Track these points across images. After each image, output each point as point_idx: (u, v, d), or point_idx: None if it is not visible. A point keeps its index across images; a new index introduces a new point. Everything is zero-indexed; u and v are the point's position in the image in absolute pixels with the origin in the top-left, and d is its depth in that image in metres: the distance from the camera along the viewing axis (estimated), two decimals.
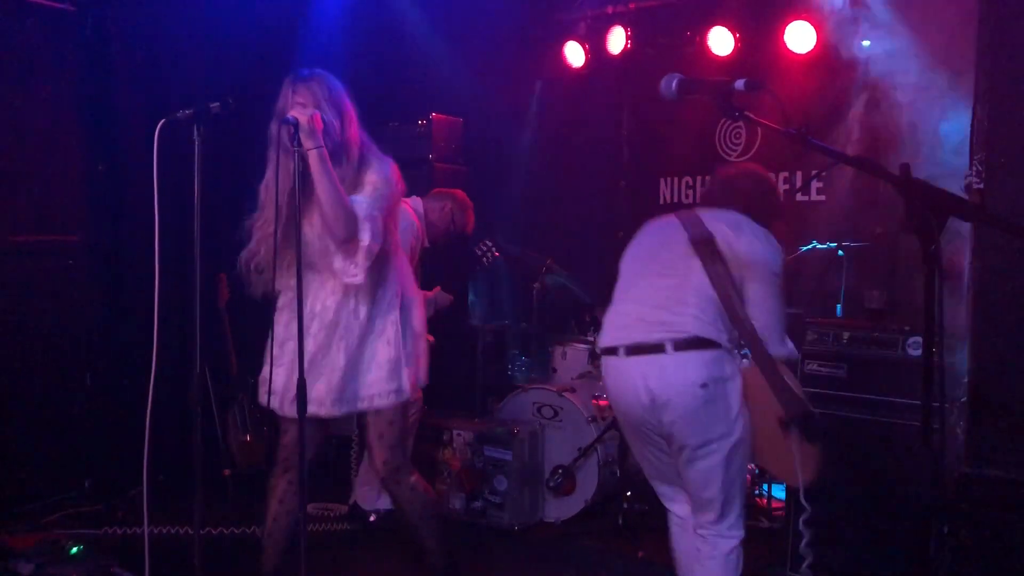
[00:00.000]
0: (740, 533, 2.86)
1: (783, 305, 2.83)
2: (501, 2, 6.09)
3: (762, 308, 2.73)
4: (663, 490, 3.01)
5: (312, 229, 3.10)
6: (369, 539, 4.52)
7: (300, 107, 2.99)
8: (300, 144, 2.85)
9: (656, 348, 2.66)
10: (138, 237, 4.63)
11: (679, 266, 2.77)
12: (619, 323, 2.82)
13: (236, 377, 5.10)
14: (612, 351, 2.77)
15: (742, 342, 2.73)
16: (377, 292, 3.22)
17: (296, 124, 2.85)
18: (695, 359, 2.66)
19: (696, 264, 2.73)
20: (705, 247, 2.73)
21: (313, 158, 2.91)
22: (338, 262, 3.08)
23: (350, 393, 3.21)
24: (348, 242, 3.03)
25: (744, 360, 2.76)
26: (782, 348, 2.80)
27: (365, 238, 3.04)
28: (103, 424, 5.01)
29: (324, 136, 2.96)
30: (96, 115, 5.05)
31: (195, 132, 2.93)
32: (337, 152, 3.05)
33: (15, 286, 4.74)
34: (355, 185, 3.11)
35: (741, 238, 2.77)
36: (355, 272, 3.07)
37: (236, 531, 4.45)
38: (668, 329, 2.69)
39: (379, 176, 3.14)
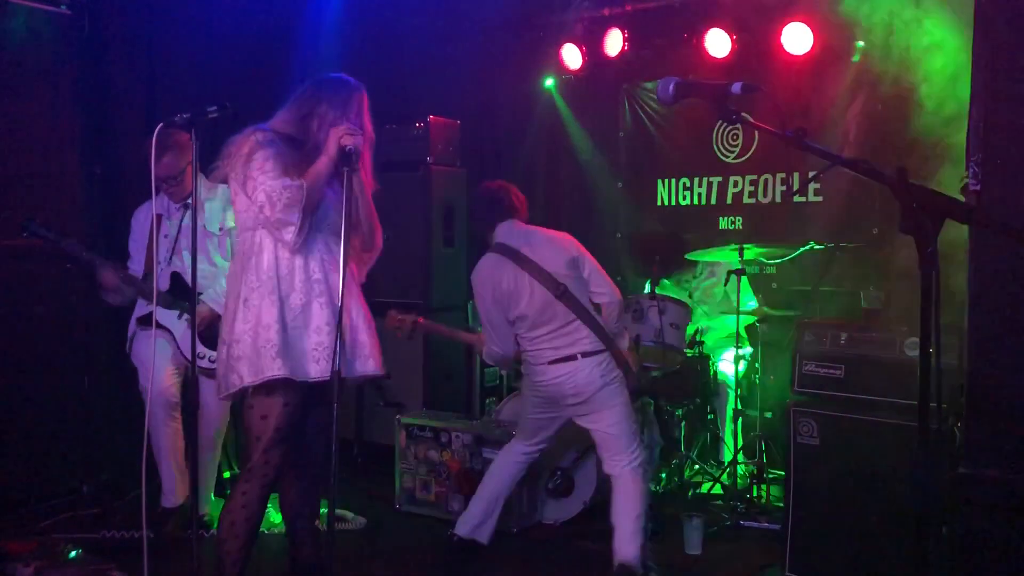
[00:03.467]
0: None
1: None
2: (498, 4, 6.10)
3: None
4: (538, 439, 4.14)
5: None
6: (369, 542, 4.53)
7: (352, 134, 3.12)
8: (355, 170, 3.11)
9: (572, 357, 3.87)
10: None
11: (560, 318, 3.87)
12: (550, 346, 3.92)
13: None
14: (572, 357, 3.88)
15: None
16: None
17: (357, 153, 3.09)
18: (592, 360, 3.87)
19: (566, 312, 3.86)
20: (564, 297, 3.85)
21: (356, 181, 3.16)
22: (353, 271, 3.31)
23: None
24: (372, 250, 3.37)
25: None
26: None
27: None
28: (101, 428, 5.01)
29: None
30: (93, 119, 5.05)
31: (192, 136, 2.94)
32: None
33: (12, 290, 4.74)
34: None
35: (571, 266, 3.92)
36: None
37: None
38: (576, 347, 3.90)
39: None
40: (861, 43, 5.29)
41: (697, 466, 5.28)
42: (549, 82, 6.66)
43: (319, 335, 3.13)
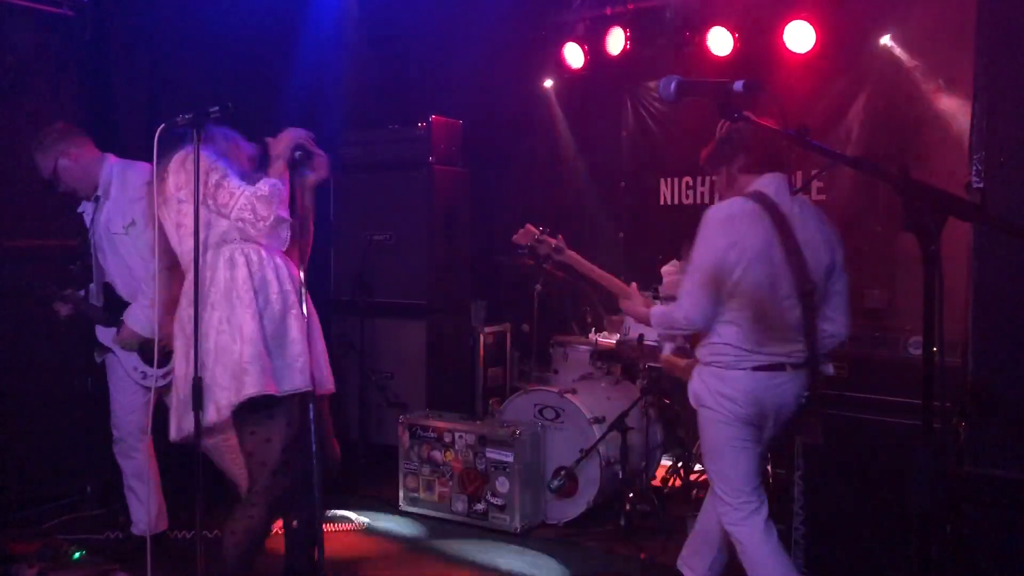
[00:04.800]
0: None
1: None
2: (500, 4, 6.09)
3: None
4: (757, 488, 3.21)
5: None
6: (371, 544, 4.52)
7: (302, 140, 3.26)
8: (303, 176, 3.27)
9: (780, 367, 3.12)
10: None
11: (785, 317, 3.10)
12: (764, 350, 3.12)
13: None
14: (780, 367, 3.13)
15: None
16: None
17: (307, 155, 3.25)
18: (799, 375, 3.17)
19: (797, 315, 3.10)
20: (806, 299, 3.09)
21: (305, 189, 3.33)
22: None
23: None
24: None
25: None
26: None
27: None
28: (105, 429, 5.01)
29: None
30: (95, 119, 5.05)
31: (194, 136, 2.93)
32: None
33: (15, 291, 4.74)
34: None
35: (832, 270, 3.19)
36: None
37: None
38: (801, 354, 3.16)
39: None
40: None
41: (700, 466, 5.26)
42: (551, 81, 6.66)
43: (295, 346, 3.12)
